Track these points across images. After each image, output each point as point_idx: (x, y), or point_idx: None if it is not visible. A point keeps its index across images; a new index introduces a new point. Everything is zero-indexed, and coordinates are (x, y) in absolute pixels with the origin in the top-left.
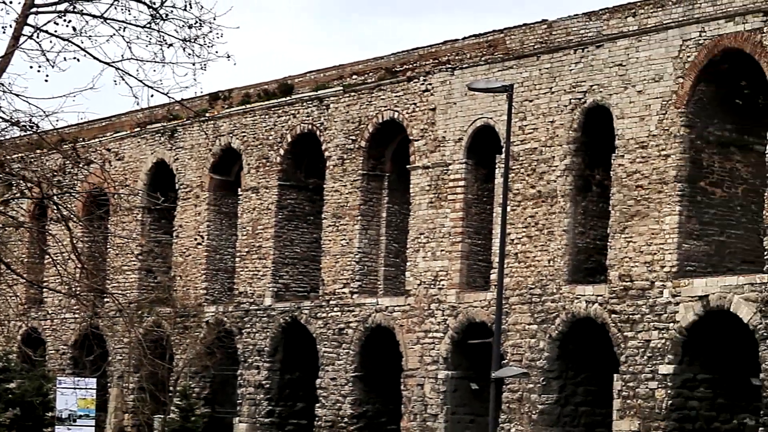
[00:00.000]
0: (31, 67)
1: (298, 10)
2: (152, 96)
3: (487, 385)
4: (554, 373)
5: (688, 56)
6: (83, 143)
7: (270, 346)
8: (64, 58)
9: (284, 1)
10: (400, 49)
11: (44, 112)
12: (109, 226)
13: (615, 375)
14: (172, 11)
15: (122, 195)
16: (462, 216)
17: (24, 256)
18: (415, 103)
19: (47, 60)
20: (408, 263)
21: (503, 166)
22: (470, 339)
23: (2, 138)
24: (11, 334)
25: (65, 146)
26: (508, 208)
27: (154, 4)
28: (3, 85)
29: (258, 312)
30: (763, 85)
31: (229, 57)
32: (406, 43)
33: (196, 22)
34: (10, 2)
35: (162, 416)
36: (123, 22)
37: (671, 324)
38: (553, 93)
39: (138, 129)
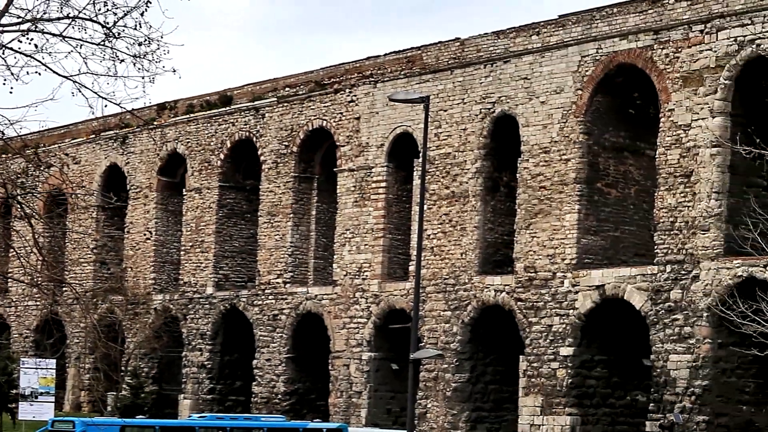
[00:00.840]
0: None
1: (236, 28)
2: (106, 106)
3: (406, 366)
4: (466, 354)
5: (586, 70)
6: (44, 149)
7: (211, 331)
8: (27, 72)
9: (224, 20)
10: (328, 64)
11: (9, 120)
12: (67, 223)
13: (521, 356)
14: (123, 30)
15: (79, 195)
16: (383, 214)
17: None
18: (341, 113)
19: (12, 74)
20: (335, 256)
21: (420, 169)
22: (391, 324)
23: None
24: None
25: (28, 151)
26: (425, 207)
27: (108, 24)
28: None
29: (201, 300)
30: (653, 97)
31: (174, 71)
32: (333, 59)
33: (145, 40)
34: None
35: (114, 393)
36: (80, 40)
37: (571, 311)
38: (465, 103)
39: (93, 136)
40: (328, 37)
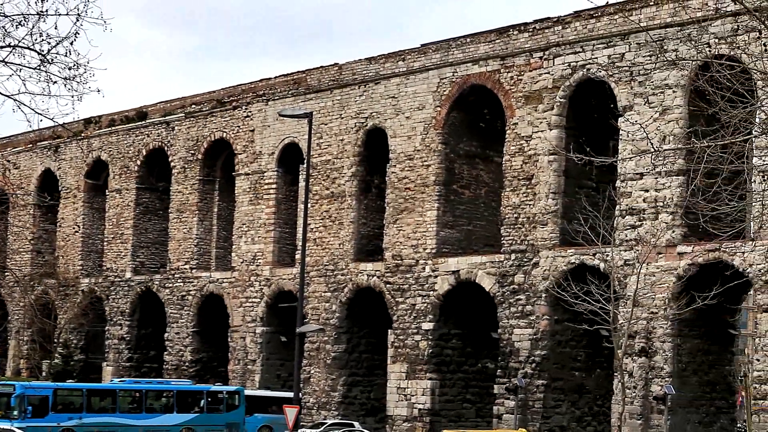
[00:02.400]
0: None
1: (150, 55)
2: (41, 120)
3: (292, 338)
4: (343, 329)
5: (444, 90)
6: None
7: (129, 309)
8: None
9: (140, 48)
10: (227, 85)
11: None
12: (9, 218)
13: (389, 330)
14: (56, 57)
15: (18, 195)
16: (274, 211)
17: None
18: (238, 126)
19: None
20: (233, 246)
21: (305, 173)
22: (280, 303)
23: None
24: None
25: None
26: (309, 205)
27: (43, 51)
28: None
29: (120, 283)
30: (500, 112)
31: (98, 91)
32: (232, 80)
33: (75, 65)
34: None
35: (48, 361)
36: (19, 65)
37: (431, 292)
38: (343, 118)
39: (30, 145)
40: (228, 62)
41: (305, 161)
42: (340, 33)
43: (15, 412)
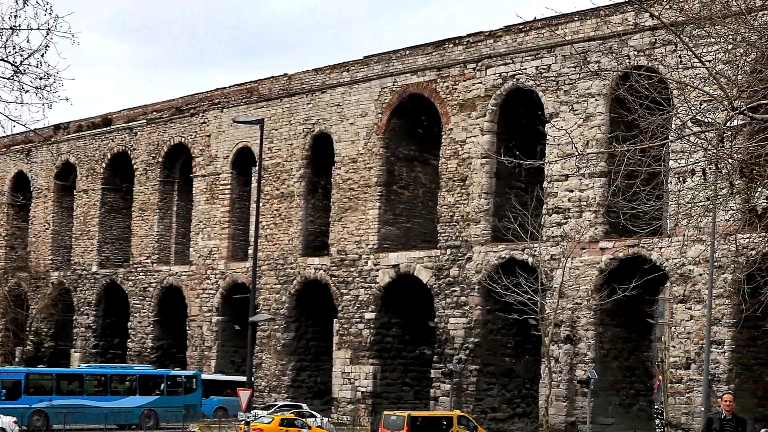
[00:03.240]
0: None
1: (115, 66)
2: (14, 126)
3: (245, 327)
4: (292, 318)
5: (385, 99)
6: None
7: (96, 300)
8: None
9: (106, 59)
10: (186, 94)
11: None
12: None
13: (334, 319)
14: (28, 68)
15: None
16: (228, 209)
17: None
18: (196, 132)
19: None
20: (191, 242)
21: (257, 175)
22: (234, 295)
23: None
24: None
25: None
26: (260, 204)
27: (16, 63)
28: None
29: (87, 276)
30: (437, 119)
31: (67, 99)
32: (190, 90)
33: (45, 75)
34: None
35: (21, 348)
36: None
37: (373, 284)
38: (292, 124)
39: (4, 149)
40: (186, 72)
41: (257, 164)
42: (289, 45)
43: None
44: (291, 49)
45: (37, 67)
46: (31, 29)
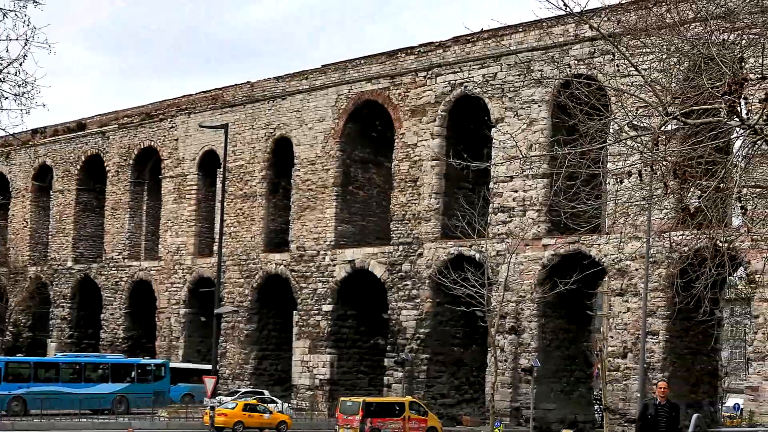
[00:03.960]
0: None
1: (89, 74)
2: None
3: (211, 318)
4: (255, 310)
5: (342, 105)
6: None
7: (71, 293)
8: None
9: (80, 68)
10: (155, 100)
11: None
12: None
13: (294, 311)
14: (7, 76)
15: None
16: (195, 208)
17: None
18: (164, 136)
19: None
20: (160, 239)
21: (222, 176)
22: (200, 288)
23: None
24: None
25: None
26: (225, 203)
27: None
28: None
29: (63, 270)
30: (390, 124)
31: (44, 105)
32: (159, 96)
33: (23, 83)
34: None
35: (0, 338)
36: None
37: (330, 278)
38: (254, 129)
39: None
40: (155, 80)
41: (222, 166)
42: (252, 55)
43: None
44: (253, 59)
45: (15, 75)
46: (9, 40)
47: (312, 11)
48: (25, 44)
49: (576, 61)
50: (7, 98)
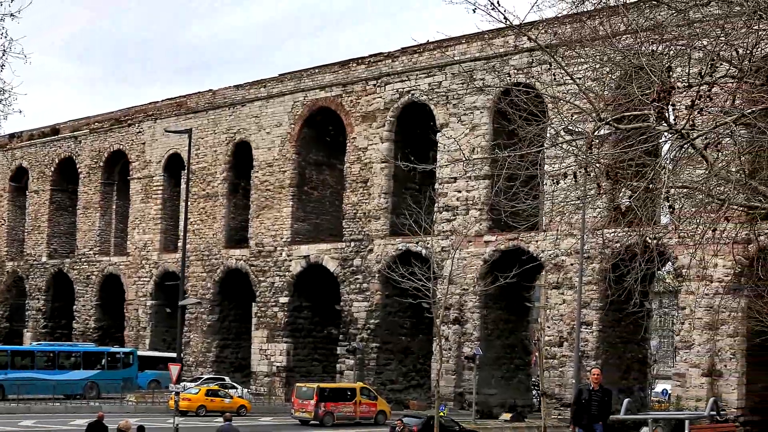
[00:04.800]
0: None
1: (62, 81)
2: None
3: (176, 310)
4: (216, 302)
5: (297, 111)
6: None
7: (45, 286)
8: None
9: (54, 76)
10: (124, 107)
11: None
12: None
13: (253, 303)
14: None
15: None
16: (161, 207)
17: None
18: (132, 140)
19: None
20: (128, 236)
21: (186, 177)
22: (166, 282)
23: None
24: None
25: None
26: (188, 203)
27: None
28: None
29: (38, 265)
30: (342, 129)
31: (21, 111)
32: (127, 103)
33: (1, 90)
34: None
35: None
36: None
37: (287, 273)
38: (216, 134)
39: None
40: (124, 88)
41: (186, 168)
42: (214, 64)
43: None
44: (215, 68)
45: None
46: None
47: (270, 25)
48: (3, 54)
49: (515, 71)
50: None
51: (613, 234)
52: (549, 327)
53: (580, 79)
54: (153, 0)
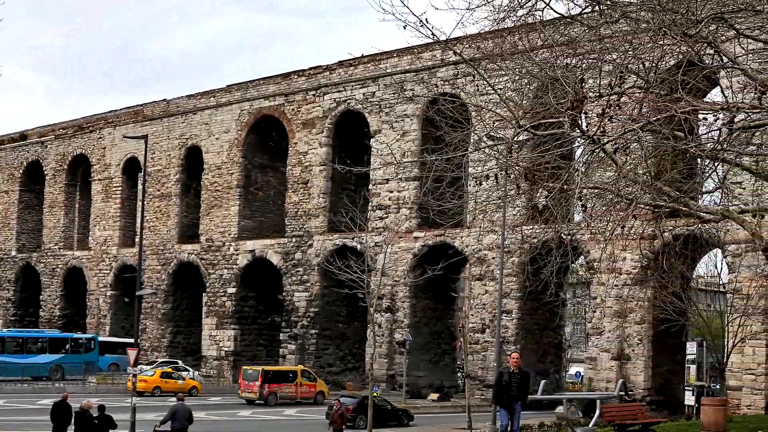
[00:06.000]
0: None
1: (29, 92)
2: None
3: (133, 299)
4: (170, 292)
5: (244, 119)
6: None
7: (14, 278)
8: None
9: (23, 87)
10: (86, 114)
11: None
12: None
13: (203, 293)
14: None
15: None
16: (120, 206)
17: None
18: (94, 145)
19: None
20: (90, 232)
21: (142, 179)
22: (124, 274)
23: None
24: None
25: None
26: (145, 202)
27: None
28: None
29: (8, 259)
30: (285, 135)
31: None
32: (89, 111)
33: None
34: None
35: None
36: None
37: (234, 266)
38: (170, 139)
39: None
40: (87, 97)
41: (142, 170)
42: (168, 75)
43: None
44: (170, 79)
45: None
46: None
47: (219, 40)
48: None
49: (442, 82)
50: None
51: (530, 230)
52: (472, 315)
53: (500, 89)
54: (114, 18)
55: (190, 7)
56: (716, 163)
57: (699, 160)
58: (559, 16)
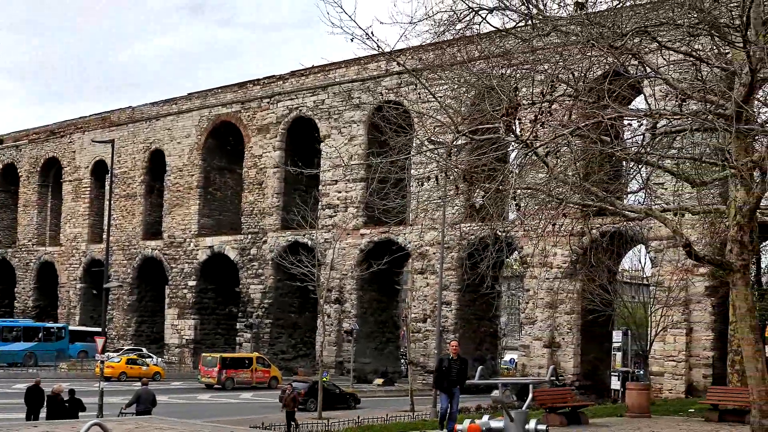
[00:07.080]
0: None
1: (5, 99)
2: None
3: (101, 292)
4: (135, 285)
5: (204, 124)
6: None
7: None
8: None
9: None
10: (58, 120)
11: None
12: None
13: (166, 286)
14: None
15: None
16: (88, 206)
17: None
18: (65, 149)
19: None
20: (61, 230)
21: (110, 180)
22: (93, 268)
23: None
24: None
25: None
26: (112, 202)
27: None
28: None
29: None
30: (241, 139)
31: None
32: (61, 117)
33: None
34: None
35: None
36: None
37: (194, 260)
38: (135, 143)
39: None
40: (59, 104)
41: (109, 172)
42: (134, 84)
43: None
44: (135, 87)
45: None
46: None
47: (181, 51)
48: None
49: (386, 90)
50: None
51: (468, 228)
52: (415, 306)
53: (441, 97)
54: (83, 29)
55: (155, 20)
56: (640, 166)
57: (624, 162)
58: (494, 29)
